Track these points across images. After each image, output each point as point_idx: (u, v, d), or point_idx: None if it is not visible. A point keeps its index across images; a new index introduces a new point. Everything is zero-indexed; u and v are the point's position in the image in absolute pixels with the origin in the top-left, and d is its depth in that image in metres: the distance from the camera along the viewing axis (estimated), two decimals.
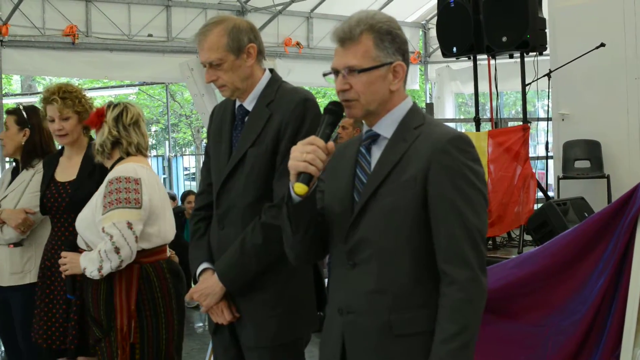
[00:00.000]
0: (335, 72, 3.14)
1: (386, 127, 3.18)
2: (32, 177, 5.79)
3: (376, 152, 3.19)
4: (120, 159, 4.84)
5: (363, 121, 3.26)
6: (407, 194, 3.04)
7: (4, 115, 6.12)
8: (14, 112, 5.97)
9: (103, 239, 4.58)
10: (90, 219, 4.72)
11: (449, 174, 3.00)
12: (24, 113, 5.95)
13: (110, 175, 4.72)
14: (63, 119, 5.36)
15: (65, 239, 5.32)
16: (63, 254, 4.87)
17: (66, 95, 5.37)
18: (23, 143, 5.90)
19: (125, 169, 4.76)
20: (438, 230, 3.02)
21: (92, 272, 4.62)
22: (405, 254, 3.06)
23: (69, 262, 4.82)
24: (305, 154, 3.00)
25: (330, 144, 3.06)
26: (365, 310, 3.11)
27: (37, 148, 5.92)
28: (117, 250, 4.55)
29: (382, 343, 3.08)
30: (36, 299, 5.39)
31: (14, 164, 6.15)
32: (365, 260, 3.12)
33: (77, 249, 4.85)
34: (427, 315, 3.04)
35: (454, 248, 2.99)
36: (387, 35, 3.11)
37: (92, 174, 5.32)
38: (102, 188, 4.72)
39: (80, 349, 5.16)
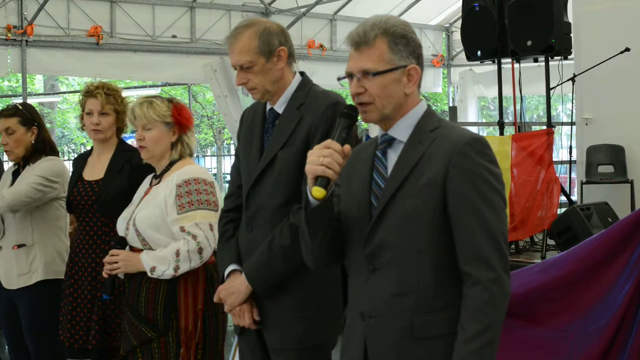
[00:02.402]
0: (350, 76, 3.16)
1: (402, 130, 3.19)
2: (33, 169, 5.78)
3: (392, 156, 3.20)
4: (176, 160, 4.82)
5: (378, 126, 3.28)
6: (426, 197, 3.05)
7: None
8: (14, 114, 5.85)
9: (183, 238, 4.53)
10: (159, 218, 4.64)
11: (468, 177, 3.02)
12: (26, 112, 5.90)
13: (184, 176, 4.67)
14: (102, 114, 5.38)
15: (89, 238, 5.36)
16: (114, 251, 4.74)
17: (110, 92, 5.44)
18: (33, 142, 5.86)
19: (196, 170, 4.75)
20: (459, 232, 3.03)
21: (165, 272, 4.54)
22: (426, 257, 3.06)
23: (122, 260, 4.70)
24: (322, 157, 3.01)
25: (347, 147, 3.07)
26: (386, 314, 3.12)
27: (46, 145, 5.91)
28: (200, 251, 4.52)
29: (404, 346, 3.09)
30: (63, 297, 5.41)
31: (12, 165, 6.08)
32: (386, 264, 3.12)
33: (126, 247, 4.76)
34: (448, 318, 3.05)
35: (476, 250, 3.00)
36: (401, 39, 3.12)
37: (120, 173, 5.35)
38: (171, 187, 4.66)
39: (103, 351, 5.19)
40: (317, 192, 3.01)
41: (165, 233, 4.64)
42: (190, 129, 4.88)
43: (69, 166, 5.88)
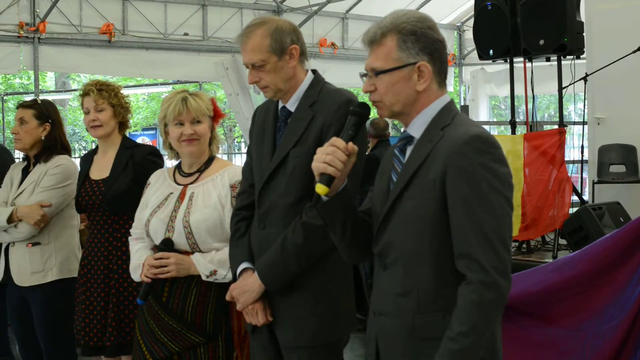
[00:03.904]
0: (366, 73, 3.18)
1: (417, 128, 3.19)
2: (46, 172, 5.80)
3: (409, 154, 3.21)
4: (213, 157, 4.78)
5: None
6: (428, 197, 3.04)
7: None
8: (32, 106, 5.93)
9: None
10: (217, 220, 4.55)
11: (463, 176, 2.96)
12: (43, 107, 5.96)
13: (237, 176, 4.58)
14: (98, 110, 5.40)
15: (100, 236, 5.37)
16: (163, 254, 4.56)
17: (103, 88, 5.44)
18: (43, 138, 5.90)
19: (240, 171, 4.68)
20: (454, 232, 2.99)
21: (227, 276, 4.45)
22: (428, 257, 3.05)
23: (174, 264, 4.52)
24: (325, 155, 3.05)
25: (351, 144, 3.10)
26: (392, 313, 3.15)
27: (57, 144, 5.95)
28: None
29: (408, 346, 3.11)
30: (76, 296, 5.41)
31: (23, 161, 6.11)
32: (392, 264, 3.15)
33: (173, 249, 4.59)
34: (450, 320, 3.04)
35: (468, 250, 2.95)
36: (410, 36, 3.11)
37: (125, 171, 5.37)
38: (226, 188, 4.60)
39: (119, 347, 5.19)
40: (319, 189, 3.07)
41: (216, 237, 4.56)
42: (218, 123, 4.83)
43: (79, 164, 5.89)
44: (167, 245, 4.57)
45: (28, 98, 7.76)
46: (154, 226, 4.65)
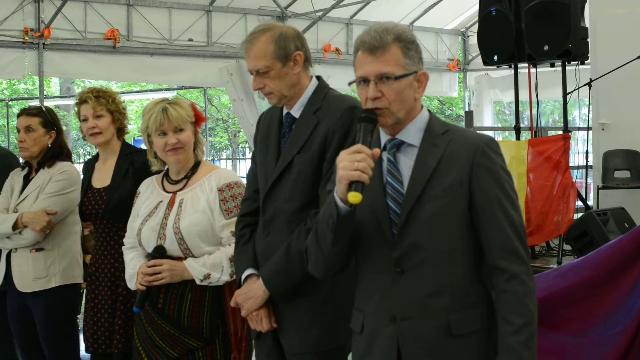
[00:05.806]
0: (364, 80, 3.17)
1: (413, 134, 3.25)
2: (50, 178, 5.77)
3: (404, 159, 3.24)
4: (199, 162, 4.80)
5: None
6: (454, 197, 3.14)
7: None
8: (38, 114, 5.90)
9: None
10: (207, 225, 4.58)
11: (492, 176, 3.16)
12: (48, 115, 5.94)
13: (224, 179, 4.66)
14: (96, 117, 5.39)
15: (106, 244, 5.36)
16: (157, 262, 4.59)
17: (100, 94, 5.43)
18: (49, 145, 5.88)
19: (231, 174, 4.76)
20: (489, 228, 3.15)
21: (220, 278, 4.52)
22: (457, 255, 3.16)
23: (167, 270, 4.56)
24: (357, 162, 2.99)
25: (376, 150, 3.07)
26: (422, 315, 3.16)
27: (63, 150, 5.95)
28: None
29: (442, 345, 3.15)
30: (85, 303, 5.38)
31: (23, 168, 6.04)
32: (417, 266, 3.17)
33: (166, 255, 4.62)
34: (480, 314, 3.19)
35: (509, 245, 3.14)
36: (412, 44, 3.19)
37: (126, 178, 5.36)
38: (214, 192, 4.64)
39: (127, 354, 5.18)
40: (354, 198, 2.98)
41: (208, 241, 4.59)
42: (200, 126, 4.86)
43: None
44: (159, 252, 4.61)
45: (33, 104, 7.75)
46: (146, 234, 4.69)
